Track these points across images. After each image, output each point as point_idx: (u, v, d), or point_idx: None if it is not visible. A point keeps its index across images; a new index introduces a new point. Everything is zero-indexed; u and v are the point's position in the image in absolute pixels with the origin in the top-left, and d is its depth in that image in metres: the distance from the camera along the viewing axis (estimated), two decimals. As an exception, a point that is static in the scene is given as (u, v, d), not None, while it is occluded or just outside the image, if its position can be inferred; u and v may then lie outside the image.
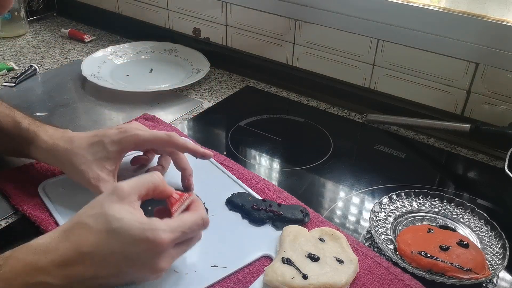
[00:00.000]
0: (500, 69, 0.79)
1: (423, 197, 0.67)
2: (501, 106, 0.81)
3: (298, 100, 0.98)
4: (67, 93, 0.96)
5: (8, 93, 0.94)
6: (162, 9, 1.17)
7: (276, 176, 0.75)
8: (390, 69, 0.90)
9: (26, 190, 0.64)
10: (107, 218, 0.45)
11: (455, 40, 0.81)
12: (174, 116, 0.89)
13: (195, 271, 0.54)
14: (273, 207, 0.62)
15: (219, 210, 0.63)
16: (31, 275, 0.44)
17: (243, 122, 0.88)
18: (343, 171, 0.76)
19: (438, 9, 0.82)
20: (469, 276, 0.54)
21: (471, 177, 0.81)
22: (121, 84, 0.99)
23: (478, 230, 0.63)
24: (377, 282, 0.54)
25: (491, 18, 0.78)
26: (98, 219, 0.45)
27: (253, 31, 1.04)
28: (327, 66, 0.97)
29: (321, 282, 0.51)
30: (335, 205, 0.69)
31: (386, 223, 0.63)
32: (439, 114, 0.87)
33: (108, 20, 1.29)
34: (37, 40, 1.21)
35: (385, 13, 0.86)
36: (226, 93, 0.99)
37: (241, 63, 1.08)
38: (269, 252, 0.57)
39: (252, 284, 0.53)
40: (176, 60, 1.10)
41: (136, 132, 0.62)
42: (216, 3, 1.06)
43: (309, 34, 0.97)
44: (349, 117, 0.93)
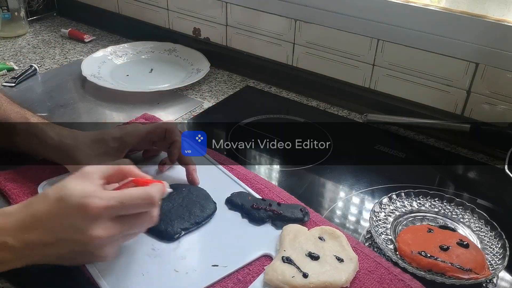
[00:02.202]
0: (500, 69, 0.79)
1: (423, 197, 0.67)
2: (501, 106, 0.81)
3: (298, 100, 0.98)
4: (67, 93, 0.96)
5: (8, 93, 0.94)
6: (162, 9, 1.17)
7: (276, 176, 0.75)
8: (390, 69, 0.90)
9: (26, 190, 0.64)
10: (61, 188, 0.48)
11: (455, 40, 0.81)
12: (174, 116, 0.89)
13: (195, 270, 0.54)
14: (272, 206, 0.62)
15: (219, 210, 0.63)
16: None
17: (243, 122, 0.88)
18: (343, 171, 0.76)
19: (438, 9, 0.82)
20: (469, 276, 0.54)
21: (471, 177, 0.81)
22: (121, 84, 0.99)
23: (478, 230, 0.63)
24: (377, 282, 0.54)
25: (491, 18, 0.78)
26: (55, 189, 0.49)
27: (253, 31, 1.04)
28: (327, 66, 0.97)
29: (321, 280, 0.51)
30: (335, 205, 0.69)
31: (386, 223, 0.63)
32: (439, 114, 0.87)
33: (108, 20, 1.29)
34: (37, 40, 1.21)
35: (385, 13, 0.86)
36: (226, 93, 0.99)
37: (241, 63, 1.08)
38: (269, 251, 0.57)
39: (253, 283, 0.52)
40: (176, 60, 1.10)
41: (136, 127, 0.66)
42: (216, 3, 1.06)
43: (309, 34, 0.97)
44: (349, 117, 0.93)
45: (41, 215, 0.48)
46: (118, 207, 0.48)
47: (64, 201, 0.47)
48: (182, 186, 0.65)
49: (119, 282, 0.52)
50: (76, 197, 0.47)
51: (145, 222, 0.51)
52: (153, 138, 0.67)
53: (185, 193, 0.63)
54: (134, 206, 0.49)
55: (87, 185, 0.48)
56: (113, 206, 0.47)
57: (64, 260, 0.50)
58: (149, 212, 0.51)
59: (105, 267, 0.53)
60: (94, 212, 0.46)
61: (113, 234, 0.48)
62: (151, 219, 0.51)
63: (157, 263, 0.54)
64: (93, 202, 0.46)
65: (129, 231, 0.51)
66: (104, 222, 0.47)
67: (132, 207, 0.49)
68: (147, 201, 0.49)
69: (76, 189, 0.47)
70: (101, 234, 0.47)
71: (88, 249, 0.48)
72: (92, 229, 0.47)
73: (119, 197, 0.48)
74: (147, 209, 0.50)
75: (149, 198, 0.49)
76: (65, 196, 0.47)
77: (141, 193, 0.49)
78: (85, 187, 0.48)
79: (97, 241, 0.47)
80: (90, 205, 0.46)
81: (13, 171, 0.68)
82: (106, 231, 0.48)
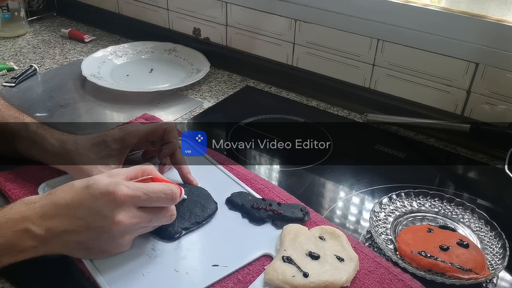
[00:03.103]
0: (500, 69, 0.79)
1: (423, 197, 0.67)
2: (501, 106, 0.81)
3: (298, 100, 0.98)
4: (67, 93, 0.96)
5: (8, 93, 0.94)
6: (162, 9, 1.17)
7: (276, 176, 0.75)
8: (390, 69, 0.90)
9: (26, 190, 0.64)
10: (89, 180, 0.51)
11: (455, 40, 0.81)
12: (174, 116, 0.89)
13: (196, 270, 0.54)
14: (273, 206, 0.62)
15: (219, 210, 0.63)
16: (19, 222, 0.50)
17: (243, 122, 0.88)
18: (343, 171, 0.76)
19: (438, 9, 0.82)
20: (469, 276, 0.54)
21: (471, 177, 0.81)
22: (121, 84, 0.99)
23: (478, 230, 0.63)
24: (377, 282, 0.54)
25: (491, 18, 0.78)
26: (82, 181, 0.52)
27: (253, 31, 1.04)
28: (327, 66, 0.97)
29: (322, 280, 0.51)
30: (335, 205, 0.69)
31: (386, 223, 0.63)
32: (439, 114, 0.87)
33: (108, 20, 1.29)
34: (37, 40, 1.21)
35: (385, 13, 0.86)
36: (226, 93, 0.99)
37: (241, 63, 1.08)
38: (270, 251, 0.57)
39: (253, 283, 0.52)
40: (176, 60, 1.10)
41: (136, 127, 0.66)
42: (216, 3, 1.06)
43: (309, 34, 0.97)
44: (349, 117, 0.93)
45: (66, 202, 0.50)
46: (143, 198, 0.50)
47: (91, 188, 0.50)
48: (183, 186, 0.65)
49: (119, 282, 0.52)
50: (104, 185, 0.50)
51: (164, 218, 0.54)
52: (153, 138, 0.67)
53: (185, 193, 0.63)
54: (158, 199, 0.52)
55: (114, 177, 0.52)
56: (138, 196, 0.50)
57: (81, 250, 0.52)
58: (168, 208, 0.54)
59: (105, 267, 0.53)
60: (120, 199, 0.49)
61: (135, 223, 0.51)
62: (170, 216, 0.54)
63: (157, 263, 0.54)
64: (120, 189, 0.49)
65: (149, 223, 0.53)
66: (128, 210, 0.50)
67: (155, 200, 0.52)
68: (169, 196, 0.52)
69: (103, 179, 0.50)
70: (125, 220, 0.50)
71: (110, 235, 0.50)
72: (117, 215, 0.49)
73: (145, 188, 0.51)
74: (168, 204, 0.53)
75: (171, 194, 0.52)
76: (93, 184, 0.50)
77: (165, 188, 0.52)
78: (111, 179, 0.51)
79: (120, 227, 0.50)
80: (117, 192, 0.49)
81: (13, 171, 0.68)
82: (130, 219, 0.50)
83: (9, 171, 0.68)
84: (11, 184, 0.65)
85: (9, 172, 0.68)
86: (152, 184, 0.52)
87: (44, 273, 0.53)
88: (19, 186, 0.65)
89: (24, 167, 0.68)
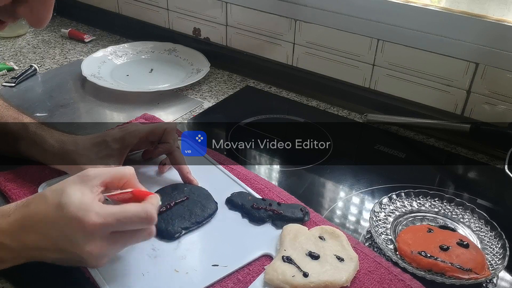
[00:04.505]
0: (500, 69, 0.79)
1: (423, 197, 0.67)
2: (501, 106, 0.81)
3: (298, 100, 0.98)
4: (67, 93, 0.96)
5: (8, 93, 0.94)
6: (162, 9, 1.17)
7: (276, 176, 0.75)
8: (390, 69, 0.90)
9: (26, 190, 0.64)
10: (62, 193, 0.47)
11: (455, 40, 0.81)
12: (174, 116, 0.89)
13: (195, 270, 0.54)
14: (273, 206, 0.62)
15: (219, 210, 0.63)
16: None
17: (243, 122, 0.88)
18: (343, 171, 0.76)
19: (438, 9, 0.82)
20: (469, 276, 0.54)
21: (471, 177, 0.81)
22: (121, 84, 0.99)
23: (478, 230, 0.63)
24: (377, 282, 0.54)
25: (491, 18, 0.78)
26: (55, 193, 0.48)
27: (253, 31, 1.04)
28: (327, 66, 0.97)
29: (322, 280, 0.51)
30: (335, 205, 0.69)
31: (386, 223, 0.63)
32: (439, 114, 0.87)
33: (108, 20, 1.29)
34: (37, 40, 1.21)
35: (385, 13, 0.86)
36: (226, 93, 0.99)
37: (241, 63, 1.08)
38: (270, 251, 0.57)
39: (253, 283, 0.52)
40: (176, 60, 1.10)
41: (136, 127, 0.65)
42: (216, 3, 1.06)
43: (309, 34, 0.97)
44: (349, 117, 0.93)
45: (39, 218, 0.47)
46: (114, 225, 0.47)
47: (61, 210, 0.46)
48: (183, 185, 0.65)
49: (119, 282, 0.52)
50: (74, 208, 0.46)
51: (141, 238, 0.50)
52: (153, 138, 0.67)
53: (186, 193, 0.63)
54: (131, 223, 0.48)
55: (86, 193, 0.47)
56: (110, 224, 0.46)
57: (61, 262, 0.50)
58: (146, 229, 0.50)
59: (105, 267, 0.53)
60: (90, 228, 0.45)
61: (107, 250, 0.48)
62: (148, 235, 0.50)
63: (157, 263, 0.54)
64: (89, 218, 0.45)
65: (124, 246, 0.50)
66: (99, 239, 0.47)
67: (128, 225, 0.48)
68: (144, 219, 0.48)
69: (75, 197, 0.46)
70: (94, 251, 0.46)
71: (83, 260, 0.48)
72: (86, 244, 0.46)
73: (117, 215, 0.47)
74: (144, 227, 0.50)
75: (147, 218, 0.48)
76: (64, 205, 0.46)
77: (139, 211, 0.48)
78: (84, 197, 0.47)
79: (91, 255, 0.47)
80: (87, 221, 0.45)
81: (13, 171, 0.68)
82: (100, 248, 0.47)
83: (9, 171, 0.68)
84: (11, 184, 0.65)
85: (9, 172, 0.68)
86: (126, 207, 0.48)
87: (44, 273, 0.53)
88: (19, 186, 0.65)
89: (24, 167, 0.68)
